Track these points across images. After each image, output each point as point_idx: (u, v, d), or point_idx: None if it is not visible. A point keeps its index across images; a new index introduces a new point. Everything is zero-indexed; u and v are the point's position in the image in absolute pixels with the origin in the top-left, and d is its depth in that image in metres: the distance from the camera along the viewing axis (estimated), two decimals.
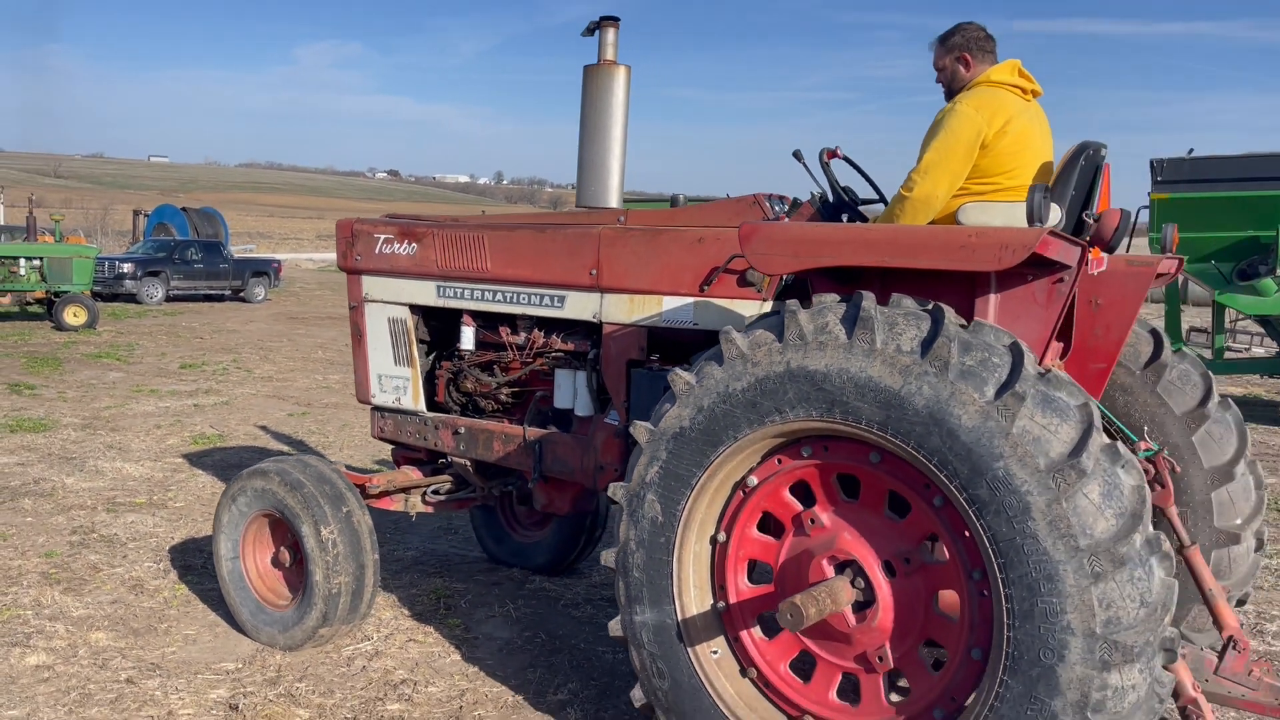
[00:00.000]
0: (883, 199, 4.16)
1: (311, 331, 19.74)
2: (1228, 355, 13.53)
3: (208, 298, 27.07)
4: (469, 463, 4.84)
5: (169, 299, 25.26)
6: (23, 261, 18.60)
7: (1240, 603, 4.15)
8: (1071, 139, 3.71)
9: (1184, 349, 4.16)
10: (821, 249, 3.20)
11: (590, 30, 4.80)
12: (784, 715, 3.29)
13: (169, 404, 11.11)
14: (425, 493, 4.99)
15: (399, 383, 4.94)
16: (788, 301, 3.10)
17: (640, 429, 3.36)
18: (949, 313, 2.91)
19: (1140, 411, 4.03)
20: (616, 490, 3.43)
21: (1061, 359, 3.90)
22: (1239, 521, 3.95)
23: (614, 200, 4.79)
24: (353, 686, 4.18)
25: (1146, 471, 3.65)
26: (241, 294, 26.98)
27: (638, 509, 3.35)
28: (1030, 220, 3.06)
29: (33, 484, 7.33)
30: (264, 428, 9.92)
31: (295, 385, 12.80)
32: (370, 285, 4.97)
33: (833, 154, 4.04)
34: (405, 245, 4.81)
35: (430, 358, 4.98)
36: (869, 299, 2.97)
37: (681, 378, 3.27)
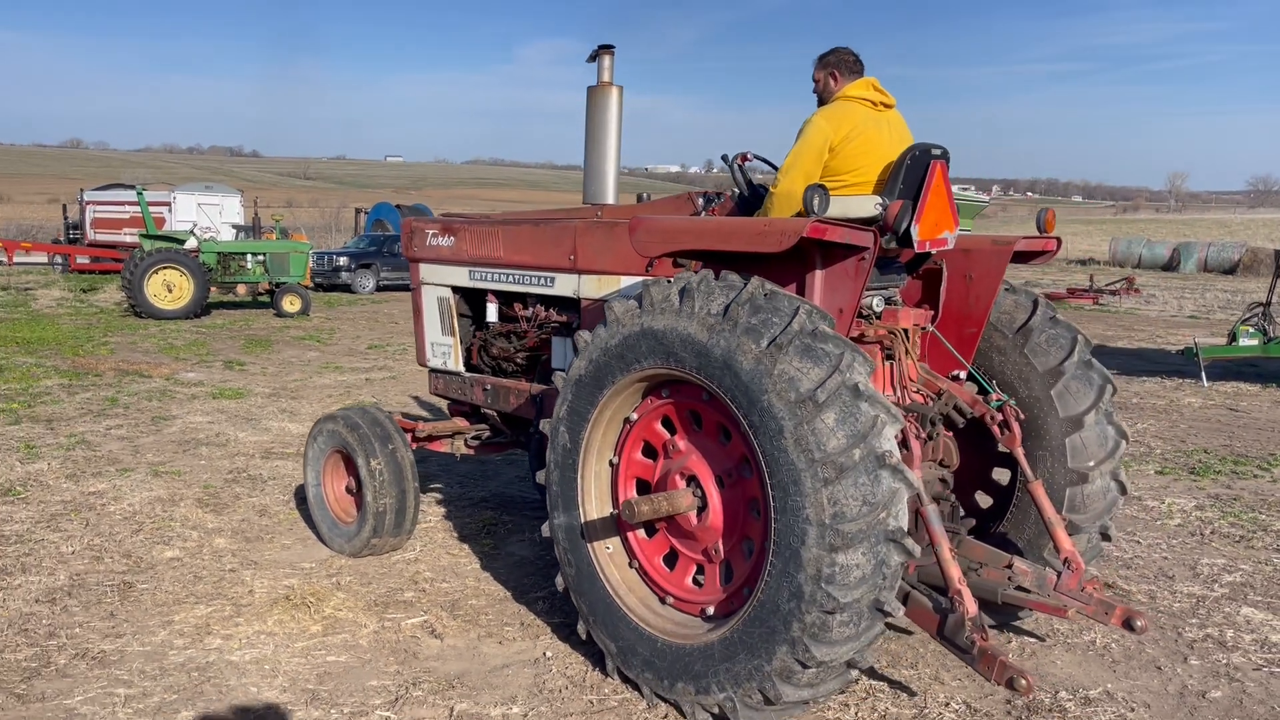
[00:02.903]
0: None
1: None
2: None
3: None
4: (496, 414, 5.99)
5: (379, 289, 27.85)
6: (249, 257, 21.28)
7: (1105, 537, 4.76)
8: None
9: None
10: (676, 237, 4.14)
11: (592, 58, 5.84)
12: (655, 596, 4.27)
13: (346, 378, 12.87)
14: (466, 438, 6.18)
15: (445, 349, 6.15)
16: (645, 278, 4.07)
17: (558, 377, 4.40)
18: (753, 284, 3.79)
19: (1011, 369, 4.72)
20: (544, 424, 4.49)
21: (932, 323, 4.67)
22: (1091, 464, 4.59)
23: (610, 197, 5.81)
24: (385, 580, 5.43)
25: (994, 418, 4.41)
26: None
27: (556, 439, 4.40)
28: (808, 212, 3.88)
29: (214, 437, 9.04)
30: (415, 397, 11.45)
31: None
32: (424, 271, 6.20)
33: (744, 158, 4.92)
34: (446, 238, 6.01)
35: (468, 328, 6.16)
36: (697, 275, 3.90)
37: (582, 337, 4.28)
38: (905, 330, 4.51)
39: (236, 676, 4.26)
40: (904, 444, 3.97)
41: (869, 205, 4.19)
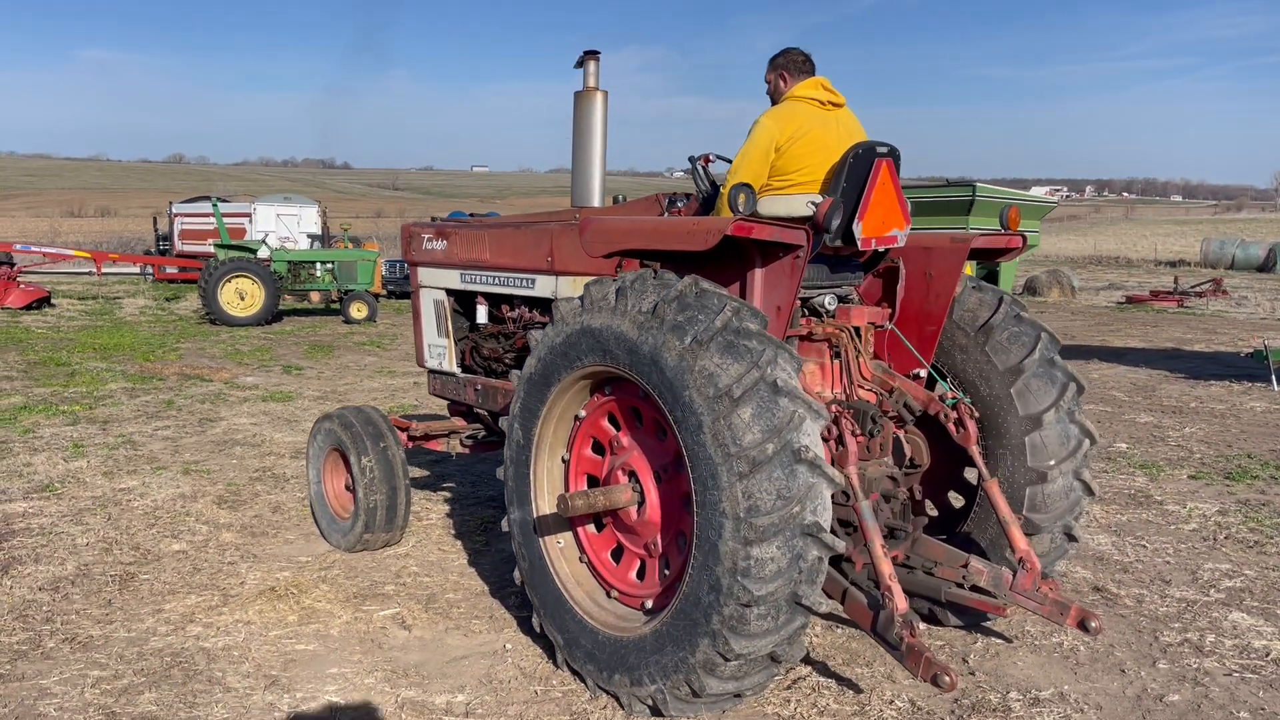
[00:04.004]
0: None
1: None
2: None
3: None
4: (488, 413, 6.13)
5: None
6: (318, 265, 21.88)
7: (1070, 537, 4.69)
8: None
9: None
10: (618, 238, 4.22)
11: (579, 63, 5.94)
12: (602, 589, 4.35)
13: (396, 382, 13.19)
14: (462, 438, 6.32)
15: (440, 350, 6.31)
16: (588, 279, 4.15)
17: (513, 375, 4.51)
18: (684, 282, 3.84)
19: (972, 367, 4.68)
20: (502, 421, 4.60)
21: (890, 321, 4.67)
22: (1051, 463, 4.53)
23: (596, 200, 5.90)
24: (372, 574, 5.59)
25: (949, 416, 4.39)
26: None
27: (511, 435, 4.51)
28: (733, 210, 3.92)
29: (251, 437, 9.37)
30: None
31: None
32: (421, 274, 6.38)
33: (708, 159, 4.98)
34: (440, 242, 6.17)
35: (462, 330, 6.31)
36: (632, 274, 3.97)
37: (534, 336, 4.39)
38: (857, 328, 4.52)
39: (206, 662, 4.46)
40: (840, 440, 3.99)
41: (802, 204, 4.22)
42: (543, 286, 5.49)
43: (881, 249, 4.40)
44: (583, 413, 4.36)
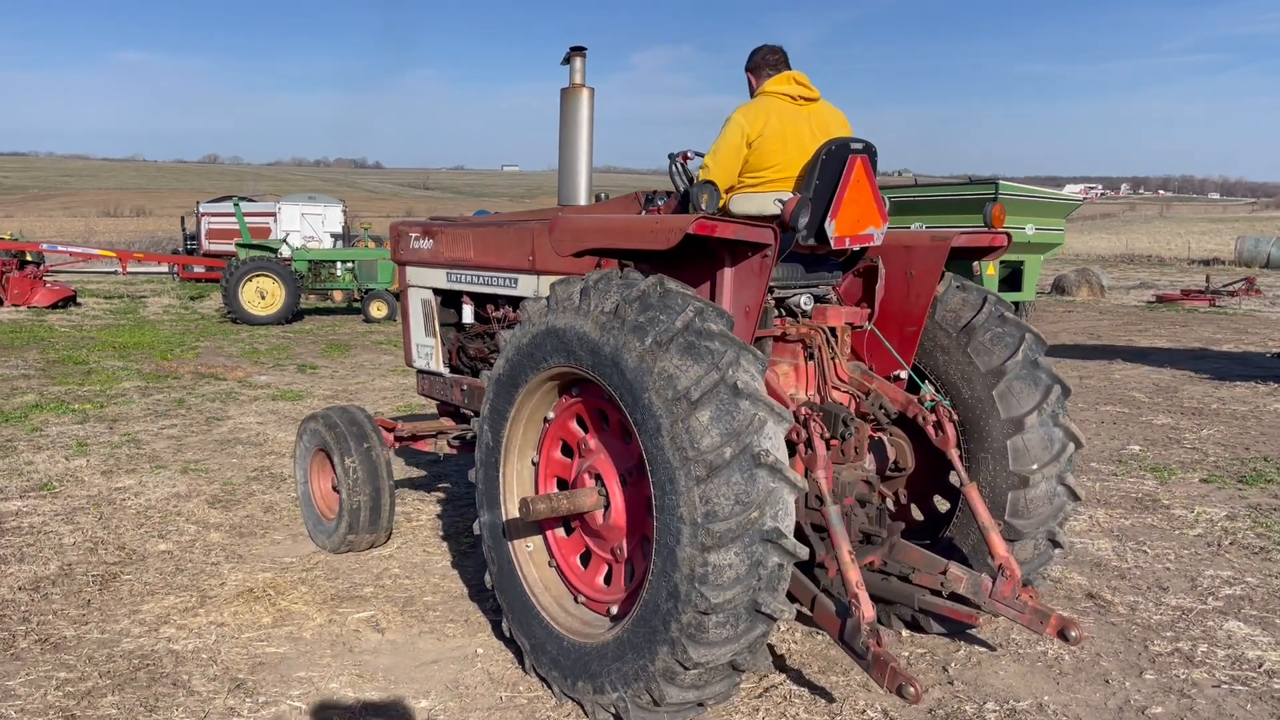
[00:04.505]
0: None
1: None
2: None
3: None
4: (474, 414, 6.06)
5: None
6: (339, 264, 21.97)
7: (1055, 544, 4.56)
8: None
9: None
10: (585, 237, 4.14)
11: (565, 60, 5.87)
12: (570, 594, 4.27)
13: (408, 380, 13.16)
14: (449, 438, 6.27)
15: (428, 350, 6.26)
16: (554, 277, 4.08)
17: (484, 376, 4.44)
18: (648, 282, 3.75)
19: (955, 369, 4.56)
20: (474, 423, 4.53)
21: (870, 321, 4.57)
22: (1034, 467, 4.40)
23: (583, 198, 5.83)
24: (353, 575, 5.55)
25: (927, 419, 4.28)
26: None
27: (481, 437, 4.44)
28: (694, 209, 3.83)
29: (255, 436, 9.37)
30: None
31: None
32: (409, 273, 6.33)
33: (686, 156, 4.89)
34: (426, 241, 6.12)
35: (449, 330, 6.26)
36: (596, 273, 3.89)
37: (502, 336, 4.32)
38: (833, 329, 4.41)
39: (173, 664, 4.42)
40: (809, 444, 3.90)
41: (769, 202, 4.12)
42: (525, 286, 5.42)
43: (857, 248, 4.30)
44: (551, 415, 4.29)
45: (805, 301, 4.43)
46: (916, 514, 5.01)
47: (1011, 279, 18.85)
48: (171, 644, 4.64)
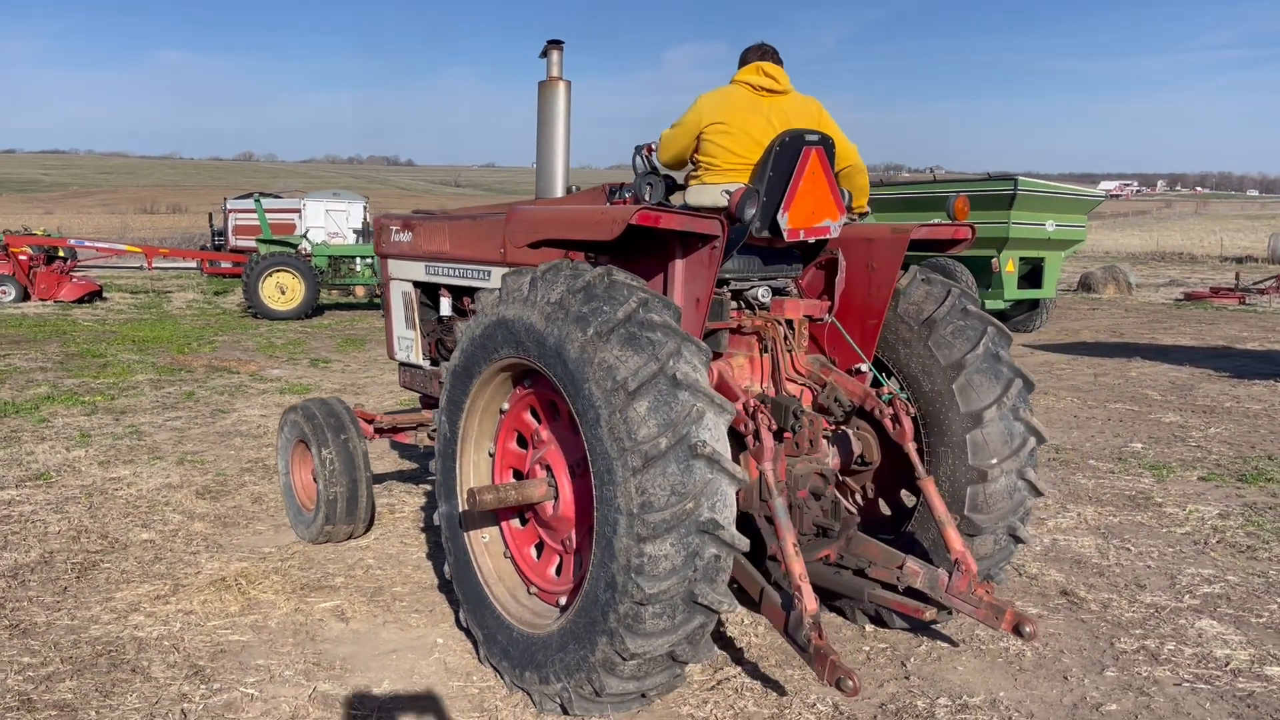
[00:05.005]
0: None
1: None
2: None
3: None
4: None
5: None
6: (358, 260, 22.12)
7: (1018, 540, 4.52)
8: None
9: None
10: (537, 228, 4.15)
11: (543, 53, 5.87)
12: (524, 585, 4.28)
13: None
14: (429, 430, 6.29)
15: (408, 342, 6.29)
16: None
17: (443, 367, 4.46)
18: (594, 272, 3.75)
19: (916, 362, 4.52)
20: (432, 416, 4.55)
21: (830, 314, 4.54)
22: (993, 461, 4.35)
23: (559, 191, 5.84)
24: (327, 565, 5.60)
25: (884, 412, 4.26)
26: None
27: (440, 429, 4.46)
28: (638, 199, 3.82)
29: (256, 429, 9.46)
30: None
31: None
32: (391, 266, 6.36)
33: (650, 148, 4.87)
34: (406, 234, 6.15)
35: (429, 323, 6.28)
36: (545, 264, 3.89)
37: (459, 327, 4.33)
38: (790, 321, 4.39)
39: (135, 651, 4.48)
40: (756, 436, 3.88)
41: (716, 193, 4.11)
42: (497, 279, 5.42)
43: (813, 240, 4.27)
44: (506, 406, 4.30)
45: (763, 294, 4.41)
46: (884, 508, 4.98)
47: (1031, 276, 18.64)
48: (137, 631, 4.69)
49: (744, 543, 3.54)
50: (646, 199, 3.85)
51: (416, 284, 6.20)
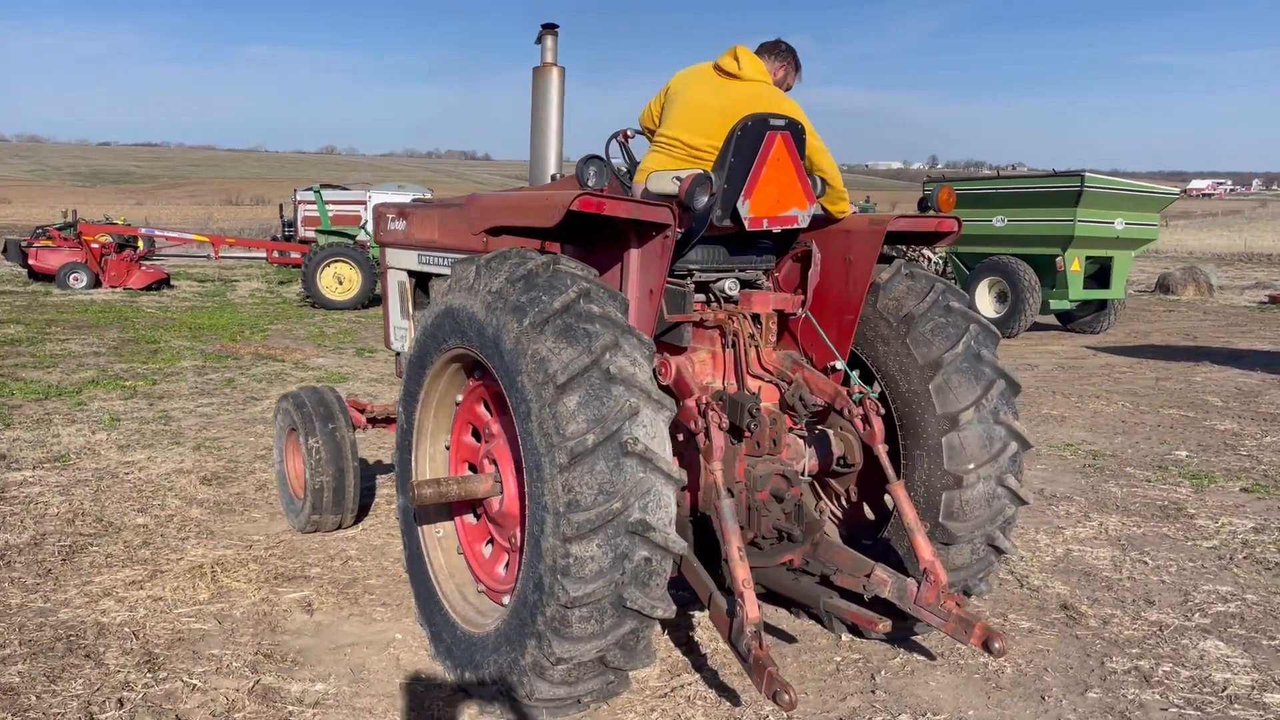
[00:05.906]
0: None
1: None
2: None
3: None
4: None
5: None
6: None
7: (998, 550, 4.27)
8: None
9: None
10: (493, 214, 4.02)
11: (538, 39, 5.75)
12: (474, 583, 4.16)
13: None
14: None
15: (403, 332, 6.21)
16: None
17: (401, 359, 4.36)
18: (537, 260, 3.61)
19: (893, 360, 4.30)
20: (394, 408, 4.45)
21: (803, 308, 4.34)
22: (970, 466, 4.11)
23: (548, 177, 5.70)
24: (308, 555, 5.54)
25: (854, 411, 4.05)
26: None
27: (399, 420, 4.36)
28: (581, 185, 3.66)
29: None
30: None
31: None
32: (388, 255, 6.29)
33: (626, 135, 4.71)
34: (401, 223, 6.06)
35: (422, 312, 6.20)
36: (491, 252, 3.76)
37: (415, 316, 4.23)
38: (756, 315, 4.20)
39: (95, 637, 4.46)
40: (706, 434, 3.71)
41: (668, 180, 3.93)
42: None
43: (778, 229, 4.07)
44: (460, 398, 4.19)
45: (730, 286, 4.23)
46: (868, 513, 4.76)
47: (1099, 276, 18.01)
48: (103, 616, 4.68)
49: (680, 545, 3.37)
50: (589, 184, 3.69)
51: (411, 273, 6.12)
